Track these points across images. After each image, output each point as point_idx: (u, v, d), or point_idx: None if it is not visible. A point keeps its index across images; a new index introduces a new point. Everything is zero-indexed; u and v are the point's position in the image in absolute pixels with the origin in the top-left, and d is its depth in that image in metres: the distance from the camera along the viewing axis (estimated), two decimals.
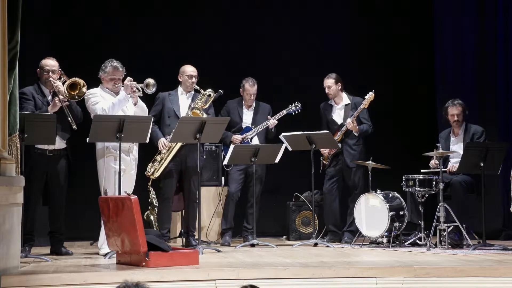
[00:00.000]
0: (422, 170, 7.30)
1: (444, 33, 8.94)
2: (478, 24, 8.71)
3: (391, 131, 9.00)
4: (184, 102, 7.31)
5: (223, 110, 7.91)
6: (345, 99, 7.87)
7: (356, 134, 7.72)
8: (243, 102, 7.92)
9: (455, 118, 7.47)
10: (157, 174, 7.18)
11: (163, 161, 7.14)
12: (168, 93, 7.34)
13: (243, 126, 7.86)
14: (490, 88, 8.63)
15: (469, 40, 8.78)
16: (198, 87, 7.23)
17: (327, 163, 7.84)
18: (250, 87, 7.81)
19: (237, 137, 7.76)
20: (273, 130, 7.81)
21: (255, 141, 7.79)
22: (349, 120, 7.65)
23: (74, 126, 6.40)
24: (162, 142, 7.15)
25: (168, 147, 7.15)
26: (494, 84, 8.59)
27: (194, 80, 7.29)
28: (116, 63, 6.72)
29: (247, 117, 7.91)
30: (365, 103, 7.63)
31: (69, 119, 6.38)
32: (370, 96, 7.61)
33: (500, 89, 8.53)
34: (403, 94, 9.18)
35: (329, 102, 7.93)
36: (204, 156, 7.52)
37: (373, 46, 9.27)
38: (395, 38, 9.23)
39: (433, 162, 7.38)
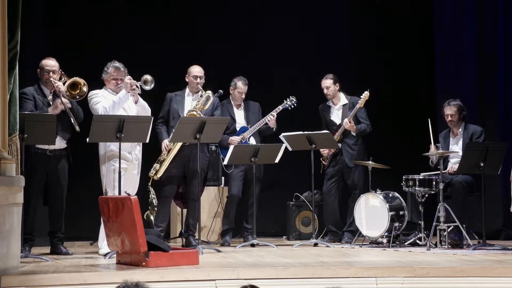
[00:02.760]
0: (422, 174, 7.26)
1: (444, 33, 8.93)
2: (478, 23, 8.70)
3: (391, 131, 8.99)
4: (189, 103, 7.29)
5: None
6: (343, 99, 7.86)
7: (354, 134, 7.71)
8: (232, 102, 7.86)
9: (449, 118, 7.48)
10: (159, 175, 7.16)
11: (164, 162, 7.14)
12: (175, 94, 7.33)
13: (238, 127, 7.83)
14: (489, 87, 8.62)
15: (469, 40, 8.76)
16: (201, 88, 7.22)
17: (326, 163, 7.84)
18: (243, 85, 7.78)
19: (235, 139, 7.70)
20: (274, 129, 7.77)
21: (252, 140, 7.77)
22: (346, 120, 7.64)
23: (77, 128, 6.39)
24: (165, 143, 7.16)
25: (168, 149, 7.14)
26: (493, 84, 8.58)
27: (199, 80, 7.26)
28: (117, 64, 6.75)
29: (239, 116, 7.87)
30: (360, 103, 7.62)
31: (72, 120, 6.37)
32: (365, 95, 7.61)
33: (500, 88, 8.51)
34: (403, 94, 9.17)
35: (327, 103, 7.93)
36: (208, 155, 7.48)
37: (373, 45, 9.26)
38: (395, 37, 9.22)
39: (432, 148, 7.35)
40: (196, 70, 7.31)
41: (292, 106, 7.81)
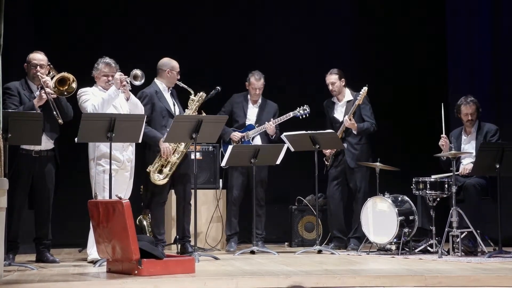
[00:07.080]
0: (433, 176, 7.25)
1: (456, 29, 8.97)
2: (492, 20, 8.70)
3: (400, 131, 8.99)
4: (169, 98, 7.26)
5: (227, 103, 7.89)
6: (347, 95, 7.83)
7: (355, 133, 7.67)
8: (249, 97, 7.91)
9: (469, 118, 7.45)
10: (166, 180, 7.11)
11: (173, 166, 7.08)
12: (155, 91, 7.24)
13: (247, 123, 7.84)
14: (505, 82, 8.61)
15: (483, 33, 8.77)
16: (183, 84, 7.19)
17: (329, 163, 7.81)
18: (255, 81, 7.80)
19: (237, 134, 7.74)
20: (273, 137, 7.76)
21: (257, 141, 7.77)
22: (346, 117, 7.62)
23: (60, 121, 6.36)
24: (166, 143, 6.99)
25: (174, 149, 7.08)
26: (510, 83, 8.56)
27: (179, 76, 7.28)
28: (108, 60, 6.77)
29: (252, 113, 7.90)
30: (359, 99, 7.60)
31: (54, 113, 6.33)
32: (363, 91, 7.59)
33: None
34: (413, 92, 9.18)
35: (332, 100, 7.91)
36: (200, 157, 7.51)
37: (380, 44, 9.28)
38: (405, 35, 9.24)
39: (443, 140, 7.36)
40: (178, 66, 7.26)
41: (304, 116, 7.78)
